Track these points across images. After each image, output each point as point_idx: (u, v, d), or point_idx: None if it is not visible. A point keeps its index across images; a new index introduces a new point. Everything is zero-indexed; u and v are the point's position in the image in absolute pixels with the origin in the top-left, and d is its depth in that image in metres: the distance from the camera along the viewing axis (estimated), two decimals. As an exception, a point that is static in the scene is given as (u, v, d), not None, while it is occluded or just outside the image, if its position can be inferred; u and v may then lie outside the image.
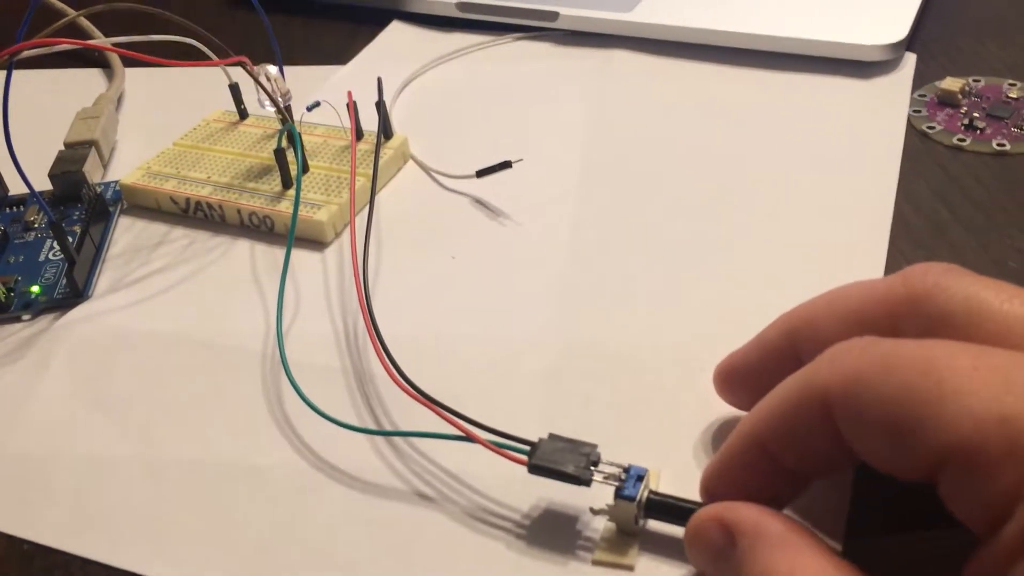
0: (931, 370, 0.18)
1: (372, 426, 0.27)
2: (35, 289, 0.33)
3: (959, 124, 0.37)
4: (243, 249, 0.35)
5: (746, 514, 0.20)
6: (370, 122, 0.38)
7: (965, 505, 0.17)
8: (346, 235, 0.35)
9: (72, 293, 0.33)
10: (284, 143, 0.35)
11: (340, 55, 0.47)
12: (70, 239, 0.34)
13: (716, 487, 0.22)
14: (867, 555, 0.19)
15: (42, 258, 0.35)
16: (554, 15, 0.46)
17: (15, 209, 0.38)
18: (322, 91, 0.41)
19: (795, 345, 0.23)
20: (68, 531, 0.25)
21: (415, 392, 0.25)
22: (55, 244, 0.35)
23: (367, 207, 0.34)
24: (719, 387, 0.25)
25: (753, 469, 0.21)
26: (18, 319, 0.33)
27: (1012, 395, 0.17)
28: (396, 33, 0.49)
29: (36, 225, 0.36)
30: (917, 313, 0.20)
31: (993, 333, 0.19)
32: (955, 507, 0.18)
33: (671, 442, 0.25)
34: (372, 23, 0.49)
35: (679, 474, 0.24)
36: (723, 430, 0.25)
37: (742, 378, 0.25)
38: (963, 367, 0.17)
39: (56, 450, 0.27)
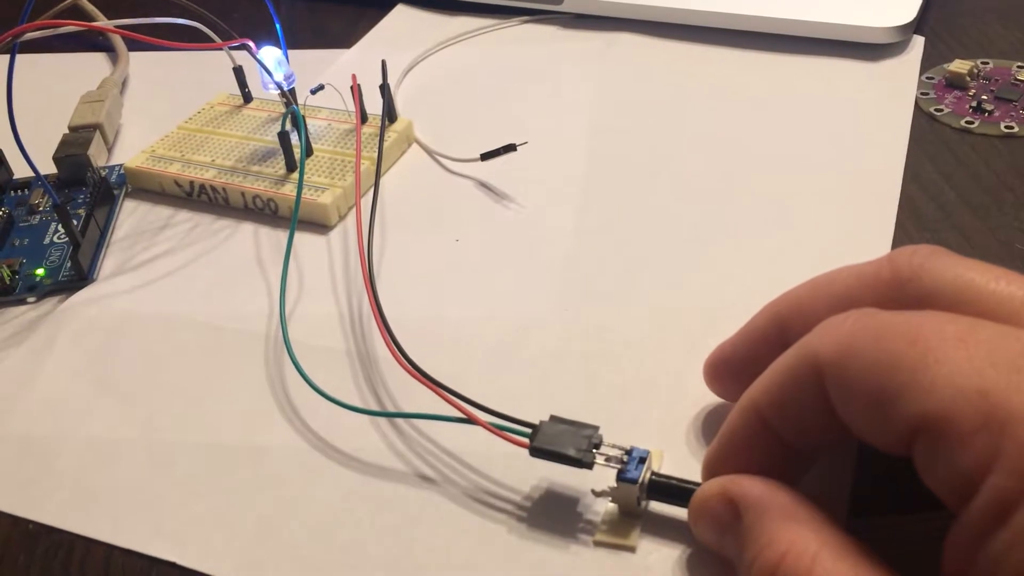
0: (919, 339, 0.18)
1: (375, 407, 0.27)
2: (40, 272, 0.33)
3: (967, 106, 0.37)
4: (247, 232, 0.35)
5: (751, 487, 0.20)
6: (374, 105, 0.38)
7: (937, 476, 0.17)
8: (349, 218, 0.35)
9: (77, 276, 0.33)
10: (288, 126, 0.35)
11: (344, 38, 0.47)
12: (75, 222, 0.34)
13: (718, 468, 0.22)
14: (868, 535, 0.19)
15: (47, 241, 0.35)
16: (559, -2, 0.46)
17: (20, 192, 0.38)
18: (326, 74, 0.41)
19: (783, 331, 0.23)
20: (72, 511, 0.25)
21: (418, 373, 0.25)
22: (60, 227, 0.35)
23: (371, 190, 0.34)
24: (709, 380, 0.25)
25: (754, 446, 0.21)
26: (23, 302, 0.33)
27: (994, 368, 0.17)
28: (401, 16, 0.48)
29: (41, 208, 0.36)
30: (904, 295, 0.20)
31: (980, 313, 0.19)
32: (927, 478, 0.17)
33: (673, 423, 0.25)
34: (377, 6, 0.49)
35: (681, 455, 0.24)
36: (725, 411, 0.25)
37: (732, 368, 0.25)
38: (950, 338, 0.17)
39: (60, 431, 0.28)
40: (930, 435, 0.17)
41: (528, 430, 0.23)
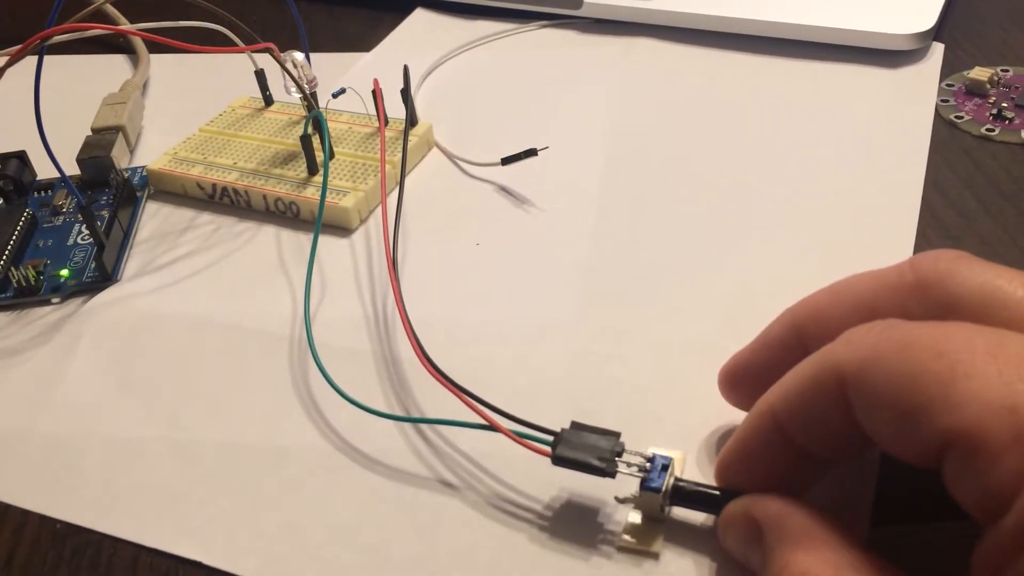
0: (946, 352, 0.17)
1: (397, 409, 0.27)
2: (64, 273, 0.34)
3: (987, 114, 0.37)
4: (269, 235, 0.35)
5: (771, 508, 0.20)
6: (394, 109, 0.38)
7: (966, 492, 0.17)
8: (371, 221, 0.35)
9: (101, 277, 0.33)
10: (310, 129, 0.36)
11: (364, 42, 0.47)
12: (98, 223, 0.34)
13: (731, 470, 0.22)
14: (892, 545, 0.19)
15: (71, 242, 0.35)
16: (578, 3, 0.46)
17: (43, 194, 0.38)
18: (346, 78, 0.41)
19: (802, 339, 0.22)
20: (98, 511, 0.25)
21: (442, 377, 0.26)
22: (84, 228, 0.35)
23: (394, 193, 0.34)
24: (724, 390, 0.25)
25: (768, 451, 0.21)
26: (47, 302, 0.33)
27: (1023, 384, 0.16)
28: (420, 20, 0.49)
29: (64, 209, 0.37)
30: (927, 300, 0.20)
31: (1007, 320, 0.18)
32: (957, 493, 0.17)
33: (694, 426, 0.26)
34: (396, 10, 0.49)
35: (704, 458, 0.25)
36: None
37: (748, 378, 0.24)
38: (978, 351, 0.17)
39: (86, 431, 0.28)
40: (959, 451, 0.17)
41: (550, 437, 0.23)
